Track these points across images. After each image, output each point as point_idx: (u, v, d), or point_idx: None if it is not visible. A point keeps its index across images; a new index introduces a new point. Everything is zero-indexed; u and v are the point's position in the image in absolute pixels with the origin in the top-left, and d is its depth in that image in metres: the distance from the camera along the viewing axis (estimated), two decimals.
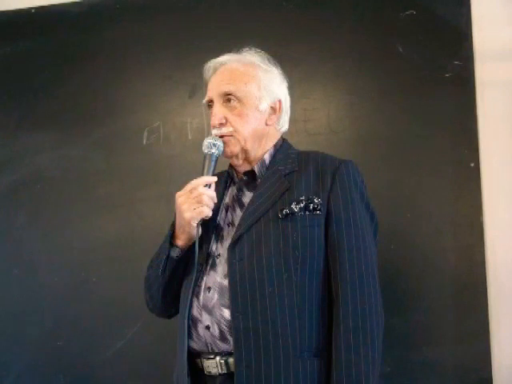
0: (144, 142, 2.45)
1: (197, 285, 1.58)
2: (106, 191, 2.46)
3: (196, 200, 1.56)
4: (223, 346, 1.52)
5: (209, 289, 1.56)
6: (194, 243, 1.59)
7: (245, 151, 1.66)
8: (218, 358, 1.53)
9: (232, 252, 1.55)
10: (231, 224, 1.63)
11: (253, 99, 1.65)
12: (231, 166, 1.73)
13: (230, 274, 1.53)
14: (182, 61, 2.45)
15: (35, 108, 2.57)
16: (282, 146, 1.71)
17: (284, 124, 1.73)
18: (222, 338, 1.52)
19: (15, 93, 2.59)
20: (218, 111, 1.64)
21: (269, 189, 1.60)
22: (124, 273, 2.37)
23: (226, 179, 1.73)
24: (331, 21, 2.33)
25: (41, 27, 2.62)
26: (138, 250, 2.35)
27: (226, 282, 1.54)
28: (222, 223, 1.65)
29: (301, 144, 1.94)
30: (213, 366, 1.53)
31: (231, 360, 1.50)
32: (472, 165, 2.16)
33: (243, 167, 1.69)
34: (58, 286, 2.44)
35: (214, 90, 1.67)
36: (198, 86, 2.33)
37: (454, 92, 2.20)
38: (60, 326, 2.42)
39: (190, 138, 2.41)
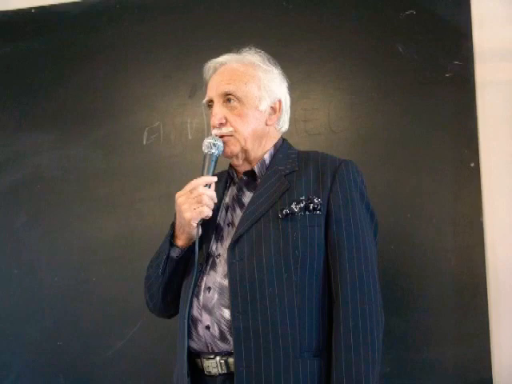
0: (144, 141, 2.45)
1: (197, 285, 1.58)
2: (105, 191, 2.46)
3: (196, 200, 1.56)
4: (223, 346, 1.52)
5: (209, 289, 1.56)
6: (194, 243, 1.59)
7: (245, 151, 1.66)
8: (218, 358, 1.53)
9: (232, 252, 1.55)
10: (231, 224, 1.63)
11: (253, 99, 1.65)
12: (231, 166, 1.73)
13: (230, 274, 1.53)
14: (182, 61, 2.45)
15: (35, 108, 2.57)
16: (282, 146, 1.71)
17: (284, 124, 1.73)
18: (222, 338, 1.52)
19: (15, 93, 2.59)
20: (218, 111, 1.64)
21: (269, 189, 1.60)
22: (124, 273, 2.37)
23: (226, 179, 1.73)
24: (331, 21, 2.33)
25: (41, 27, 2.62)
26: (137, 250, 2.36)
27: (225, 282, 1.54)
28: (222, 223, 1.65)
29: (301, 144, 1.94)
30: (213, 366, 1.53)
31: (231, 360, 1.50)
32: (472, 165, 2.16)
33: (243, 167, 1.69)
34: (58, 285, 2.44)
35: (213, 89, 1.67)
36: (198, 86, 2.33)
37: (454, 92, 2.20)
38: (60, 326, 2.41)
39: (190, 138, 2.41)
